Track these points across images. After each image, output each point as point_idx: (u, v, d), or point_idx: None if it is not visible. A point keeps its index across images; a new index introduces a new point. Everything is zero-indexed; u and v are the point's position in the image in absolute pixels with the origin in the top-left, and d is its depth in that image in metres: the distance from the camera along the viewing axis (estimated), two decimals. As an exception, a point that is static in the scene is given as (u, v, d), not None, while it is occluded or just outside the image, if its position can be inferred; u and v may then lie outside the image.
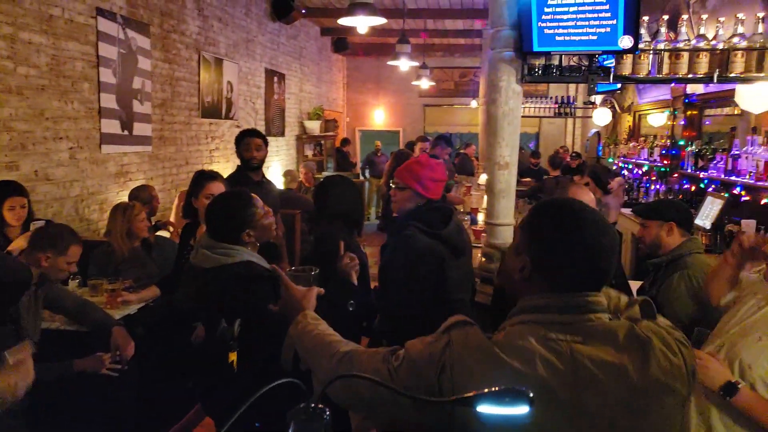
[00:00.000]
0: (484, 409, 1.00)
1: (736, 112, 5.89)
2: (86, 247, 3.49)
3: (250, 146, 4.37)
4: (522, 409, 0.99)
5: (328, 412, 1.02)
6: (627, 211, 6.87)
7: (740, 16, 3.30)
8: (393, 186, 2.80)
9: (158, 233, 4.62)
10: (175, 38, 6.26)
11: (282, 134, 9.84)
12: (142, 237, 3.94)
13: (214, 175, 3.83)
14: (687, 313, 2.50)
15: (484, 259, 3.75)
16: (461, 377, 1.16)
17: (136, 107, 5.53)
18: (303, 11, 9.64)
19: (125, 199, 5.22)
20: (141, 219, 3.95)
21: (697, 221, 5.18)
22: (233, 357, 1.95)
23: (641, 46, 3.20)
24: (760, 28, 3.25)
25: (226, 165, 7.43)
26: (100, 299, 3.42)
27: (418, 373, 1.22)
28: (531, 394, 0.98)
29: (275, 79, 9.43)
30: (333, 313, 2.38)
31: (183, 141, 6.51)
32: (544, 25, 3.13)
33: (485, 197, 6.27)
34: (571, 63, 3.39)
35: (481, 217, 5.78)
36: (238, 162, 7.11)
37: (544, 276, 1.25)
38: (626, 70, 3.28)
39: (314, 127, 11.07)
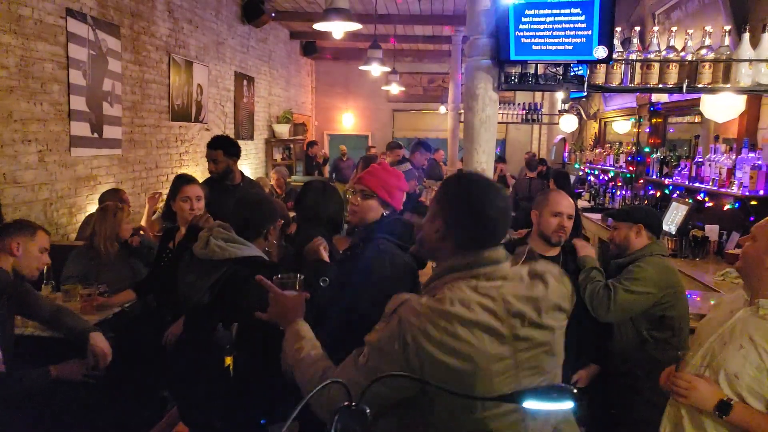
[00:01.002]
0: (530, 405, 1.16)
1: (697, 120, 6.10)
2: (56, 251, 3.42)
3: (207, 158, 4.32)
4: (567, 405, 1.10)
5: (368, 411, 1.12)
6: (594, 216, 7.05)
7: (708, 28, 3.42)
8: (354, 193, 2.59)
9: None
10: (145, 40, 6.18)
11: (251, 138, 9.78)
12: (123, 240, 3.87)
13: (189, 179, 3.81)
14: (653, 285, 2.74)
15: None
16: (421, 342, 1.35)
17: (106, 110, 5.44)
18: (273, 15, 9.61)
19: (95, 203, 5.13)
20: (128, 222, 3.90)
21: (663, 226, 5.34)
22: (229, 361, 1.94)
23: (614, 56, 3.30)
24: (727, 41, 3.38)
25: (195, 169, 7.36)
26: (74, 304, 3.35)
27: (385, 356, 1.39)
28: (575, 390, 1.11)
29: (245, 82, 9.37)
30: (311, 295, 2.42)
31: (153, 144, 6.42)
32: (521, 34, 3.19)
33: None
34: (547, 71, 3.47)
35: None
36: (207, 165, 7.07)
37: (455, 235, 1.50)
38: (600, 80, 3.37)
39: (283, 130, 11.03)
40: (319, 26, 4.96)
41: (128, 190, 5.61)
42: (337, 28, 5.15)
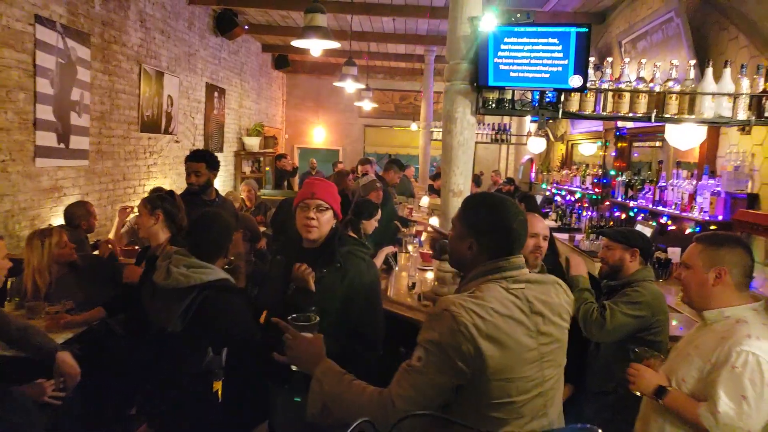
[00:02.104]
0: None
1: (658, 144, 6.29)
2: (18, 265, 3.34)
3: (188, 171, 4.23)
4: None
5: None
6: (561, 236, 7.18)
7: (674, 62, 3.55)
8: (307, 209, 2.53)
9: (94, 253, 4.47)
10: (116, 49, 6.09)
11: (221, 150, 9.68)
12: (69, 261, 3.74)
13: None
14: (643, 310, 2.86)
15: (436, 283, 3.82)
16: (473, 333, 1.57)
17: (74, 119, 5.33)
18: (246, 27, 9.57)
19: (60, 215, 5.01)
20: (63, 245, 3.71)
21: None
22: (218, 386, 1.92)
23: (587, 84, 3.39)
24: (692, 74, 3.52)
25: (163, 181, 7.25)
26: (37, 322, 3.26)
27: (449, 351, 1.57)
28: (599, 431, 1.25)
29: (216, 94, 9.30)
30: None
31: (121, 155, 6.30)
32: (499, 61, 3.27)
33: (431, 219, 6.41)
34: (523, 98, 3.55)
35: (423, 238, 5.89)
36: (176, 177, 6.98)
37: (487, 248, 1.75)
38: (574, 107, 3.47)
39: (253, 143, 10.96)
40: (297, 43, 4.97)
41: (95, 203, 5.49)
42: (315, 46, 5.16)
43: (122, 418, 3.81)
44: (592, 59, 3.40)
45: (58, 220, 4.95)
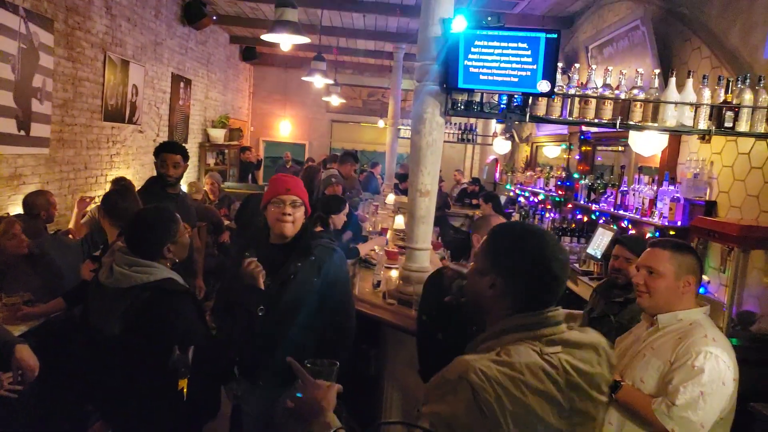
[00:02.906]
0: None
1: (620, 149, 6.45)
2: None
3: (166, 162, 4.10)
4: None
5: None
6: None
7: (640, 70, 3.65)
8: (282, 204, 2.57)
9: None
10: (80, 36, 5.94)
11: (185, 141, 9.52)
12: (21, 254, 3.63)
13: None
14: None
15: (400, 282, 3.85)
16: (498, 413, 1.27)
17: (35, 106, 5.18)
18: (214, 18, 9.45)
19: (18, 204, 4.87)
20: (11, 236, 3.58)
21: (589, 251, 5.60)
22: (183, 384, 1.90)
23: (555, 89, 3.46)
24: (656, 83, 3.62)
25: (126, 171, 7.11)
26: (-6, 314, 3.18)
27: (460, 427, 1.28)
28: None
29: (181, 84, 9.15)
30: (248, 319, 2.47)
31: (83, 144, 6.16)
32: (469, 63, 3.30)
33: (396, 217, 6.44)
34: (491, 101, 3.60)
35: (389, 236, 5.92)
36: (139, 168, 6.84)
37: (516, 293, 1.42)
38: (541, 111, 3.53)
39: (218, 135, 10.83)
40: (266, 37, 4.93)
41: (55, 192, 5.36)
42: (285, 41, 5.13)
43: (79, 414, 3.73)
44: (560, 64, 3.46)
45: (16, 209, 4.81)
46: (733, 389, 2.03)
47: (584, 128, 6.92)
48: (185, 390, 1.93)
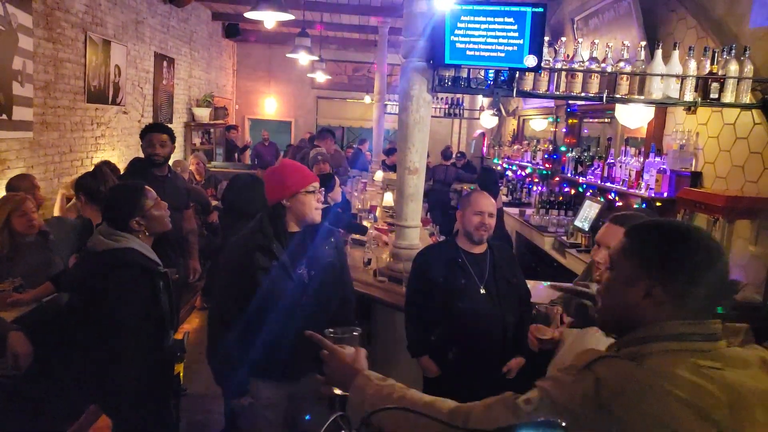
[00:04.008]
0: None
1: (607, 121, 6.48)
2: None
3: (153, 142, 4.10)
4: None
5: None
6: (512, 210, 7.35)
7: (626, 43, 3.65)
8: (314, 191, 2.61)
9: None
10: (59, 16, 5.82)
11: (170, 121, 9.43)
12: (32, 233, 3.63)
13: (112, 168, 3.70)
14: None
15: (391, 259, 3.88)
16: (625, 412, 1.12)
17: (16, 89, 5.09)
18: (196, -6, 9.30)
19: (2, 189, 4.82)
20: (21, 214, 3.56)
21: (576, 223, 5.65)
22: (179, 368, 1.92)
23: (542, 64, 3.46)
24: (642, 55, 3.62)
25: (112, 153, 7.04)
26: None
27: (564, 412, 1.15)
28: (563, 424, 1.05)
29: (165, 63, 9.02)
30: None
31: (67, 127, 6.08)
32: (456, 39, 3.29)
33: (385, 194, 6.45)
34: (477, 76, 3.59)
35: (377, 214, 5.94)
36: (124, 150, 6.77)
37: (676, 299, 1.24)
38: (528, 86, 3.53)
39: (204, 114, 10.72)
40: (250, 15, 4.87)
41: (39, 176, 5.30)
42: (269, 18, 5.07)
43: (73, 398, 3.76)
44: (546, 38, 3.45)
45: (0, 194, 4.76)
46: None
47: (570, 101, 6.92)
48: (181, 374, 1.94)
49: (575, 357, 1.25)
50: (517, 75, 3.50)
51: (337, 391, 1.46)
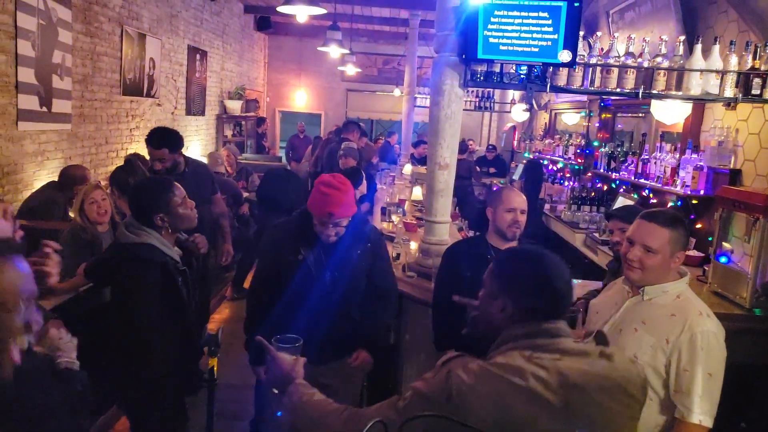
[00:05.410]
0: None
1: (641, 115, 6.36)
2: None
3: (151, 156, 4.07)
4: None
5: None
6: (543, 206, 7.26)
7: (664, 37, 3.57)
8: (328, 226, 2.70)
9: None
10: (97, 10, 5.93)
11: (202, 113, 9.56)
12: (103, 221, 3.63)
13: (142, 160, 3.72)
14: None
15: (419, 254, 3.88)
16: (468, 397, 1.34)
17: (56, 82, 5.22)
18: (228, -12, 9.37)
19: (42, 179, 4.96)
20: (91, 201, 3.57)
21: (609, 219, 5.57)
22: (213, 362, 1.95)
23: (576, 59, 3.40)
24: (680, 50, 3.54)
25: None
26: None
27: (428, 404, 1.37)
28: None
29: (197, 56, 9.13)
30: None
31: (103, 119, 6.21)
32: (489, 34, 3.26)
33: (414, 188, 6.44)
34: (510, 71, 3.55)
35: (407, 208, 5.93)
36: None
37: (522, 311, 1.50)
38: (562, 81, 3.47)
39: (235, 106, 10.83)
40: (282, 9, 4.90)
41: (77, 167, 5.43)
42: (301, 12, 5.09)
43: (100, 391, 3.81)
44: (580, 32, 3.40)
45: (40, 183, 4.90)
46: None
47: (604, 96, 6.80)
48: (215, 369, 1.98)
49: (439, 360, 1.50)
50: (550, 69, 3.45)
51: (275, 391, 1.72)
